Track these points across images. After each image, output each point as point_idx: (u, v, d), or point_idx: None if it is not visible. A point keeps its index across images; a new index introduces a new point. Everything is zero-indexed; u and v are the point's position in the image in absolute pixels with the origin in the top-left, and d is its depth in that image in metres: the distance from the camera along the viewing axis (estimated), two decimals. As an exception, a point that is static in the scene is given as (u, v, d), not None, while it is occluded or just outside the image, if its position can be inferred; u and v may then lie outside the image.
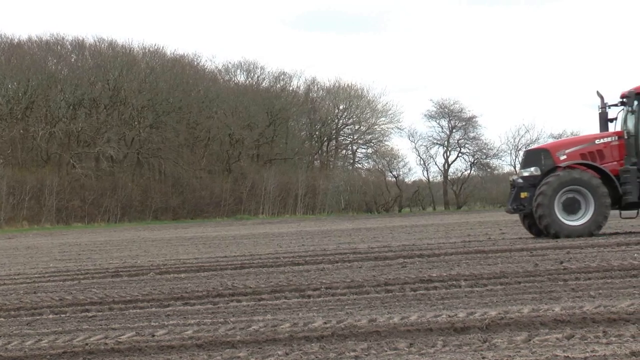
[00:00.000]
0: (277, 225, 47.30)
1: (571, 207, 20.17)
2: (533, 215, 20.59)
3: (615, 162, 20.74)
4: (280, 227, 44.47)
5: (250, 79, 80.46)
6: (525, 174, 20.84)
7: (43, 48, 67.63)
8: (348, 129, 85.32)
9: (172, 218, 64.45)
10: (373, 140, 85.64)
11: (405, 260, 16.20)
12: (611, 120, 21.52)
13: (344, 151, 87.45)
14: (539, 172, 20.59)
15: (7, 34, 75.07)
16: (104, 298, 12.37)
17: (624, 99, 21.22)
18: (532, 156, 21.50)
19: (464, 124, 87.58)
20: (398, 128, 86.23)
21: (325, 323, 8.79)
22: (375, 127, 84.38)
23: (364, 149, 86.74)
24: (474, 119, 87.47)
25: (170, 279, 15.23)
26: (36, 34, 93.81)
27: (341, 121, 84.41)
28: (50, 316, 10.84)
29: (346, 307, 10.15)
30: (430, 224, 37.04)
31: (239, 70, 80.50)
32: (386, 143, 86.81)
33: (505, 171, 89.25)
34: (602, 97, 21.40)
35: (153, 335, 8.64)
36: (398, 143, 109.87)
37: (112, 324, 9.73)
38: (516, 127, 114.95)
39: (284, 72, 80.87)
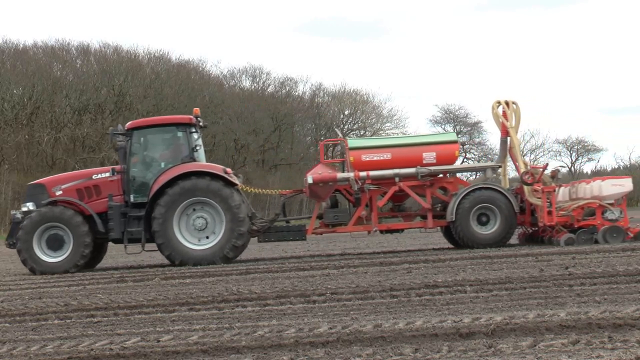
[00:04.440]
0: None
1: (55, 244, 19.99)
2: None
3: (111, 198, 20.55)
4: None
5: (255, 85, 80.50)
6: (24, 208, 20.47)
7: (48, 53, 67.70)
8: (353, 134, 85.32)
9: (177, 223, 64.40)
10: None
11: (411, 266, 16.20)
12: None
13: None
14: (35, 208, 20.34)
15: (13, 39, 75.47)
16: (109, 303, 12.39)
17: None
18: (31, 190, 21.08)
19: (469, 129, 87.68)
20: (403, 133, 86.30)
21: (330, 328, 8.79)
22: (381, 132, 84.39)
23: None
24: (479, 124, 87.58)
25: (175, 284, 15.25)
26: (41, 39, 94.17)
27: (347, 126, 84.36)
28: (56, 321, 10.85)
29: (351, 312, 10.15)
30: (435, 230, 36.91)
31: (244, 76, 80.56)
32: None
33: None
34: (118, 132, 21.17)
35: (158, 341, 8.64)
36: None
37: (117, 330, 9.74)
38: (521, 133, 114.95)
39: (289, 78, 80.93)
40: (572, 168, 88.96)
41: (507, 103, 22.23)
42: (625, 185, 20.59)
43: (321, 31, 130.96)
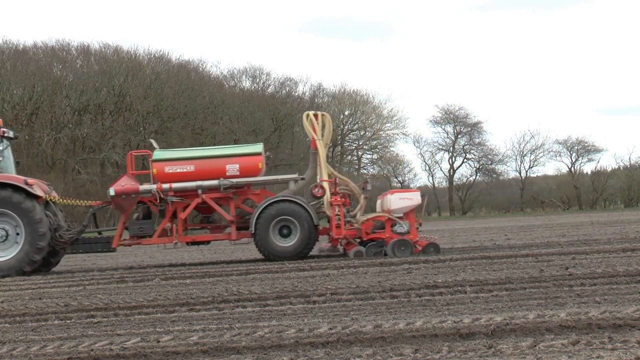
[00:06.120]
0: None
1: None
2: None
3: None
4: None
5: (255, 85, 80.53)
6: None
7: (48, 54, 67.67)
8: (353, 134, 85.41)
9: (177, 223, 64.28)
10: (378, 146, 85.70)
11: (411, 266, 16.20)
12: None
13: (349, 157, 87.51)
14: None
15: (13, 39, 75.50)
16: (109, 304, 12.39)
17: None
18: None
19: (469, 129, 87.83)
20: (403, 134, 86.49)
21: (330, 329, 8.79)
22: (381, 132, 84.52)
23: (369, 154, 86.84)
24: (479, 125, 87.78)
25: (175, 284, 15.25)
26: (41, 39, 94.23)
27: (346, 127, 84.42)
28: (56, 322, 10.85)
29: (351, 312, 10.15)
30: (435, 230, 37.01)
31: (244, 76, 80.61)
32: (391, 149, 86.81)
33: (511, 177, 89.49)
34: None
35: (158, 341, 8.64)
36: (403, 149, 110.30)
37: (117, 330, 9.74)
38: (521, 133, 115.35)
39: (289, 78, 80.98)
40: (572, 168, 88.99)
41: (316, 115, 22.36)
42: (414, 199, 20.60)
43: (320, 31, 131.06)
